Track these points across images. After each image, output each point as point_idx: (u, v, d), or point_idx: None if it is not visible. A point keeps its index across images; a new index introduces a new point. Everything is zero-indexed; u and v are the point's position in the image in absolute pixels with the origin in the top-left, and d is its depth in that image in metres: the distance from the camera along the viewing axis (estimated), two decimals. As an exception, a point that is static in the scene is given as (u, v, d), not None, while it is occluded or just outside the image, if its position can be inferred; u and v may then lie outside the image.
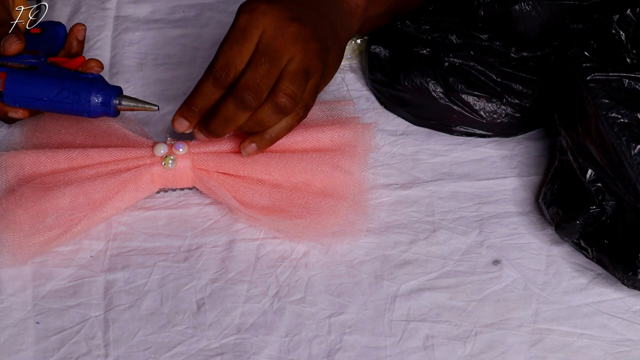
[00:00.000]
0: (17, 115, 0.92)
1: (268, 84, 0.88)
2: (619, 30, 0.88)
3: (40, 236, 0.89)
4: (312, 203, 0.90)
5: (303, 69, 0.88)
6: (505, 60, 0.99)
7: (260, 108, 0.88)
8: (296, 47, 0.89)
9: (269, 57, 0.88)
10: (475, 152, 0.99)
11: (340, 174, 0.92)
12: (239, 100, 0.87)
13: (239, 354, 0.85)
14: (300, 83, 0.88)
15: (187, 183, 0.94)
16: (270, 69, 0.88)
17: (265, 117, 0.89)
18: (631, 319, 0.86)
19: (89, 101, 0.89)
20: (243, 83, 0.87)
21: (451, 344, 0.85)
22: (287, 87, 0.88)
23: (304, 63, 0.89)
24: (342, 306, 0.87)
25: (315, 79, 0.90)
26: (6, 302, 0.88)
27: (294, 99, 0.88)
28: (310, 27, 0.90)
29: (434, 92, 0.99)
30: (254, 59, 0.88)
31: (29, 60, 0.93)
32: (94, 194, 0.90)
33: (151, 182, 0.93)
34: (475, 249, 0.91)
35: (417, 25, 1.01)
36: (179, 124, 0.90)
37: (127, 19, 1.12)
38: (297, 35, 0.89)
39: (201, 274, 0.90)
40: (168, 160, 0.92)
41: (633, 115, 0.85)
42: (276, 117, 0.89)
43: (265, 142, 0.91)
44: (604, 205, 0.87)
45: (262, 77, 0.87)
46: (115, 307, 0.87)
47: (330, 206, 0.90)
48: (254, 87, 0.87)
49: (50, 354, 0.85)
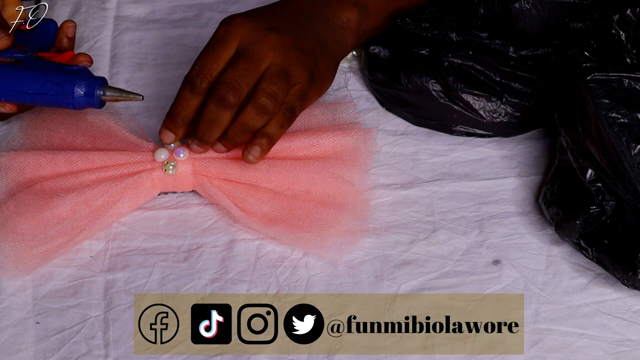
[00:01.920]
0: (5, 110, 0.92)
1: (247, 82, 0.89)
2: (619, 30, 0.88)
3: (43, 247, 0.89)
4: (313, 213, 0.90)
5: (282, 71, 0.90)
6: (505, 59, 0.99)
7: (242, 111, 0.89)
8: (275, 53, 0.90)
9: (247, 58, 0.90)
10: (475, 152, 0.99)
11: (342, 184, 0.92)
12: (218, 98, 0.89)
13: (239, 354, 0.85)
14: (280, 83, 0.90)
15: (187, 188, 0.94)
16: (249, 68, 0.89)
17: (249, 120, 0.89)
18: (631, 319, 0.86)
19: (72, 92, 0.89)
20: (221, 81, 0.89)
21: (451, 344, 0.85)
22: (267, 86, 0.89)
23: (283, 67, 0.90)
24: (342, 306, 0.87)
25: (300, 85, 0.91)
26: (6, 302, 0.88)
27: (274, 97, 0.89)
28: (290, 37, 0.92)
29: (433, 91, 0.99)
30: (232, 61, 0.90)
31: (16, 54, 0.92)
32: (95, 202, 0.90)
33: (152, 187, 0.93)
34: (475, 249, 0.91)
35: (416, 23, 1.00)
36: (164, 135, 0.92)
37: (127, 19, 1.12)
38: (275, 43, 0.91)
39: (201, 274, 0.90)
40: (169, 166, 0.92)
41: (633, 115, 0.85)
42: (260, 119, 0.90)
43: (265, 143, 0.91)
44: (604, 205, 0.87)
45: (240, 76, 0.89)
46: (115, 307, 0.87)
47: (331, 217, 0.90)
48: (232, 84, 0.89)
49: (50, 354, 0.85)
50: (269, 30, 0.91)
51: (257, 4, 0.98)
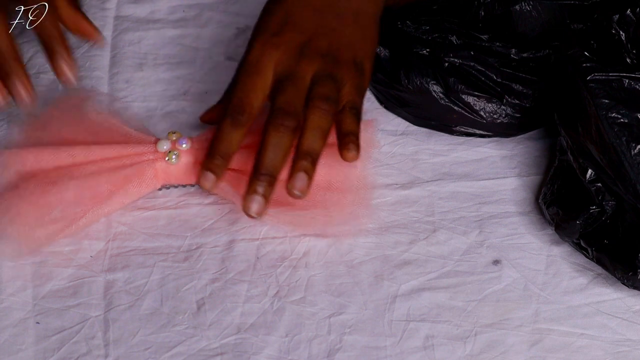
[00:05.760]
0: None
1: (300, 102, 0.88)
2: (619, 30, 0.88)
3: (46, 228, 0.89)
4: (316, 196, 0.90)
5: (326, 75, 0.89)
6: (506, 60, 0.99)
7: (307, 118, 0.87)
8: (314, 65, 0.89)
9: (291, 80, 0.88)
10: (475, 152, 0.99)
11: (344, 167, 0.91)
12: (277, 125, 0.86)
13: (239, 354, 0.85)
14: (329, 85, 0.88)
15: (190, 179, 0.94)
16: (297, 89, 0.88)
17: (316, 123, 0.87)
18: (631, 319, 0.87)
19: None
20: (277, 109, 0.87)
21: (451, 344, 0.85)
22: (318, 90, 0.88)
23: (326, 72, 0.89)
24: (342, 306, 0.88)
25: (351, 83, 0.90)
26: (6, 302, 0.88)
27: (327, 97, 0.87)
28: (322, 41, 0.91)
29: (434, 92, 0.99)
30: (278, 87, 0.88)
31: None
32: (98, 188, 0.90)
33: (154, 177, 0.93)
34: (475, 249, 0.91)
35: (417, 26, 1.01)
36: (204, 179, 0.86)
37: (127, 19, 1.12)
38: (311, 57, 0.90)
39: (201, 274, 0.90)
40: (172, 155, 0.92)
41: (633, 115, 0.85)
42: (325, 120, 0.87)
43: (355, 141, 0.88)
44: (604, 205, 0.87)
45: (292, 98, 0.87)
46: (115, 307, 0.88)
47: (335, 199, 0.90)
48: (287, 108, 0.87)
49: (50, 354, 0.85)
50: (301, 46, 0.90)
51: (257, 4, 0.98)
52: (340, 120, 0.89)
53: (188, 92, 1.05)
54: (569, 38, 0.90)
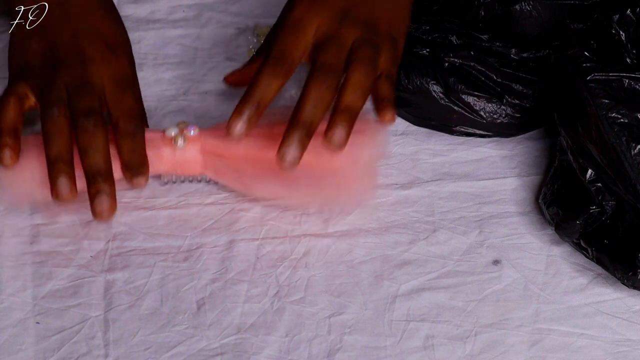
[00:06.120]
0: None
1: (341, 62, 0.88)
2: (619, 30, 0.88)
3: (44, 189, 0.87)
4: (325, 177, 0.90)
5: (367, 41, 0.89)
6: (506, 60, 0.99)
7: (349, 74, 0.87)
8: (356, 32, 0.89)
9: (334, 42, 0.88)
10: (475, 152, 0.99)
11: (350, 147, 0.90)
12: (320, 80, 0.86)
13: (239, 354, 0.85)
14: (370, 50, 0.88)
15: (195, 169, 0.93)
16: (339, 50, 0.88)
17: (359, 80, 0.87)
18: (631, 319, 0.87)
19: None
20: (319, 66, 0.87)
21: (451, 344, 0.85)
22: (361, 54, 0.88)
23: (366, 39, 0.89)
24: (342, 306, 0.88)
25: (388, 54, 0.90)
26: (6, 302, 0.88)
27: (370, 60, 0.88)
28: (365, 12, 0.91)
29: (434, 92, 0.99)
30: (320, 47, 0.88)
31: None
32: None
33: (159, 162, 0.92)
34: (475, 249, 0.91)
35: (417, 26, 1.01)
36: (235, 123, 0.85)
37: (127, 19, 1.12)
38: (353, 23, 0.90)
39: (201, 274, 0.90)
40: (178, 138, 0.92)
41: (633, 115, 0.85)
42: (367, 79, 0.88)
43: (390, 105, 0.89)
44: (604, 205, 0.87)
45: (333, 58, 0.87)
46: (115, 307, 0.87)
47: (341, 178, 0.90)
48: (329, 67, 0.87)
49: (50, 354, 0.85)
50: (343, 11, 0.90)
51: (257, 4, 0.98)
52: (377, 87, 0.90)
53: (188, 92, 1.05)
54: (569, 38, 0.90)
